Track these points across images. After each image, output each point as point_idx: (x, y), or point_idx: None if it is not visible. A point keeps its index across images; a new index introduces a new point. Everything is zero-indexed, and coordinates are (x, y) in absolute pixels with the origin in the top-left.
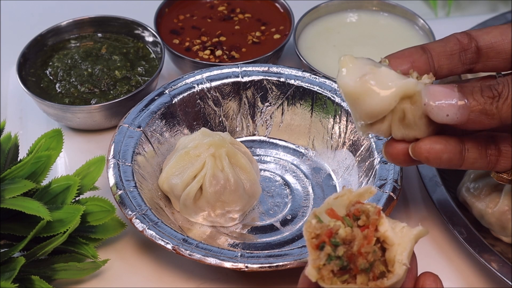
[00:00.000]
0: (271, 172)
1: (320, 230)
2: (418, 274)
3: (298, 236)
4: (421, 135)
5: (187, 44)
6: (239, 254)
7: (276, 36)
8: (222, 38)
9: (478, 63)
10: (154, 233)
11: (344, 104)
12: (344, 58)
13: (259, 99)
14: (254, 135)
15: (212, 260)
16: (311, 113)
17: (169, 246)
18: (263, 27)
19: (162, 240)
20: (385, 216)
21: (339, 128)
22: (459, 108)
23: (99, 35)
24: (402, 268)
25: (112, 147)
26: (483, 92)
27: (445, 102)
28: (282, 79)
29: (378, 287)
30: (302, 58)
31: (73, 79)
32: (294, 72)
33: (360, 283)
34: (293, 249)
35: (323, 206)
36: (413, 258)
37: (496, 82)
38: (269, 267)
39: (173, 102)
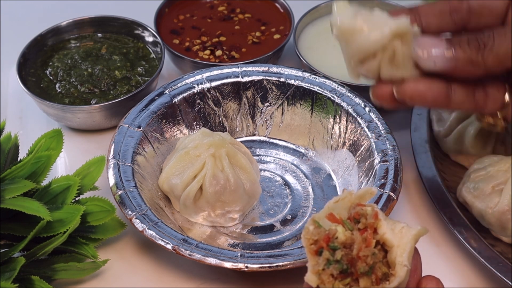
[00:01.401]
0: (271, 172)
1: (318, 235)
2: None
3: (298, 236)
4: (408, 76)
5: (187, 44)
6: (239, 254)
7: (276, 36)
8: (222, 38)
9: (471, 22)
10: (154, 233)
11: (344, 104)
12: (338, 2)
13: (259, 99)
14: (254, 135)
15: (212, 260)
16: (311, 113)
17: (169, 246)
18: (263, 27)
19: (162, 240)
20: (383, 217)
21: (339, 128)
22: (446, 57)
23: (99, 35)
24: (404, 269)
25: (112, 147)
26: (469, 43)
27: (433, 51)
28: (282, 79)
29: None
30: (302, 58)
31: (73, 79)
32: (294, 72)
33: (363, 286)
34: (293, 249)
35: (323, 211)
36: (417, 257)
37: (482, 34)
38: (269, 267)
39: (173, 102)
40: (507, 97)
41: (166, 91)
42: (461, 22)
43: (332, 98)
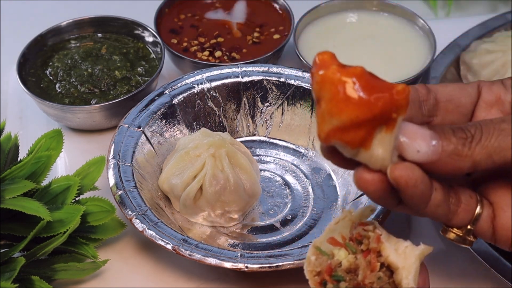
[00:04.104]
0: (271, 172)
1: (320, 266)
2: None
3: (298, 236)
4: (386, 165)
5: (184, 44)
6: (239, 254)
7: (276, 36)
8: (220, 39)
9: (436, 116)
10: (154, 233)
11: None
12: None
13: (259, 99)
14: (254, 135)
15: (212, 260)
16: (311, 113)
17: (169, 246)
18: (262, 28)
19: (162, 240)
20: (386, 238)
21: None
22: (430, 146)
23: (99, 35)
24: None
25: (112, 147)
26: (455, 133)
27: (417, 139)
28: (282, 79)
29: None
30: (302, 58)
31: (73, 79)
32: (294, 72)
33: None
34: (293, 249)
35: (324, 235)
36: (424, 274)
37: (468, 124)
38: (269, 267)
39: (173, 102)
40: (478, 208)
41: (166, 91)
42: (427, 115)
43: None
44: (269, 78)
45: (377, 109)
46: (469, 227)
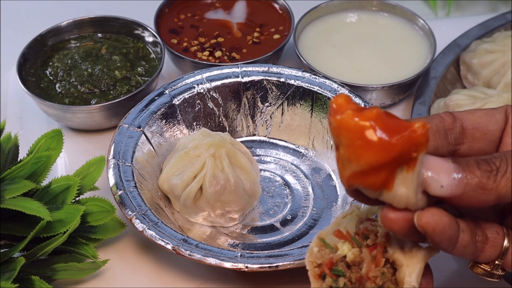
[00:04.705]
0: (271, 172)
1: (321, 259)
2: None
3: (298, 236)
4: (411, 202)
5: (184, 44)
6: (239, 254)
7: (276, 36)
8: (220, 39)
9: (463, 144)
10: (154, 233)
11: None
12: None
13: (259, 99)
14: (254, 135)
15: (212, 260)
16: (311, 113)
17: (169, 246)
18: (262, 28)
19: (162, 240)
20: (394, 235)
21: None
22: (454, 180)
23: (99, 35)
24: None
25: (112, 147)
26: (479, 165)
27: (441, 173)
28: (282, 79)
29: None
30: (302, 58)
31: (73, 79)
32: (294, 72)
33: None
34: (293, 249)
35: (330, 227)
36: (429, 276)
37: (493, 156)
38: (269, 267)
39: (173, 102)
40: (506, 242)
41: (166, 91)
42: (453, 143)
43: (332, 98)
44: (269, 78)
45: (395, 151)
46: (496, 262)
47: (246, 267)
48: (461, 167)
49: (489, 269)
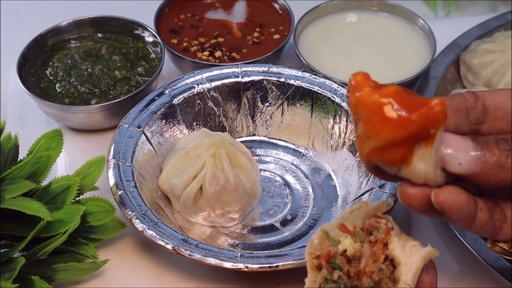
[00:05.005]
0: (271, 172)
1: (320, 251)
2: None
3: (298, 236)
4: (430, 178)
5: (185, 44)
6: (239, 254)
7: (276, 36)
8: (220, 39)
9: (485, 123)
10: (154, 233)
11: (344, 104)
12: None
13: (259, 99)
14: (254, 135)
15: (212, 260)
16: (311, 113)
17: (169, 246)
18: (262, 28)
19: (162, 240)
20: (397, 233)
21: (339, 128)
22: (473, 158)
23: (99, 35)
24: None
25: (112, 147)
26: (498, 144)
27: (459, 151)
28: (282, 79)
29: None
30: (302, 58)
31: (73, 79)
32: (294, 72)
33: None
34: (293, 249)
35: (336, 221)
36: (432, 273)
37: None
38: (269, 267)
39: (173, 102)
40: None
41: (166, 91)
42: (475, 123)
43: (332, 98)
44: (269, 78)
45: (413, 127)
46: None
47: (246, 267)
48: (479, 145)
49: (507, 248)
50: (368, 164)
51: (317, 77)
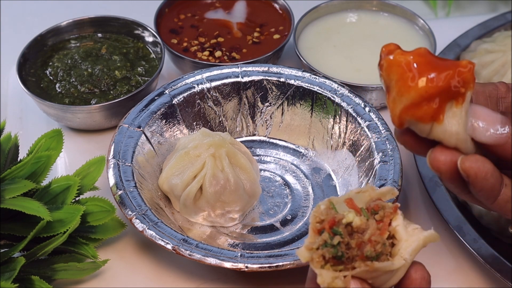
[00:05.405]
0: (271, 172)
1: (325, 216)
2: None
3: (298, 236)
4: (461, 140)
5: (185, 44)
6: (239, 254)
7: (276, 36)
8: (220, 39)
9: None
10: (154, 233)
11: (344, 104)
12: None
13: (259, 99)
14: (254, 135)
15: (212, 260)
16: (311, 113)
17: (169, 246)
18: (262, 28)
19: (162, 240)
20: (401, 214)
21: (339, 128)
22: (499, 129)
23: (99, 35)
24: (401, 261)
25: (112, 147)
26: None
27: (486, 121)
28: (282, 79)
29: (365, 266)
30: (302, 58)
31: (73, 79)
32: (294, 72)
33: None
34: (293, 249)
35: (343, 196)
36: (423, 272)
37: None
38: (269, 267)
39: (173, 102)
40: None
41: (166, 91)
42: (504, 112)
43: (332, 98)
44: (269, 78)
45: (444, 82)
46: None
47: (246, 267)
48: (507, 119)
49: None
50: (401, 127)
51: (317, 77)
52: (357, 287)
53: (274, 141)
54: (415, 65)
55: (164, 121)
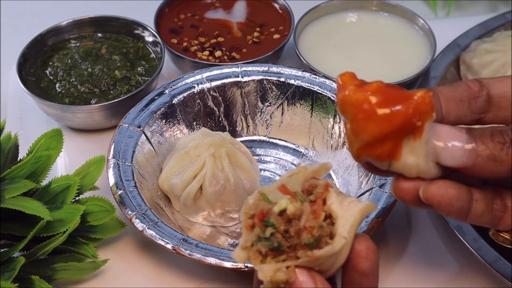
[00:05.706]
0: (271, 172)
1: (255, 210)
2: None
3: None
4: (422, 170)
5: (185, 44)
6: None
7: (276, 36)
8: (220, 39)
9: (488, 113)
10: (154, 233)
11: None
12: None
13: (259, 99)
14: (254, 135)
15: (212, 260)
16: (311, 113)
17: (169, 246)
18: (262, 27)
19: (162, 240)
20: (335, 191)
21: (339, 128)
22: (465, 151)
23: (99, 35)
24: (341, 241)
25: (112, 147)
26: (493, 137)
27: (451, 143)
28: (282, 79)
29: (306, 256)
30: (302, 58)
31: (73, 79)
32: (294, 72)
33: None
34: None
35: (275, 184)
36: (364, 239)
37: (508, 128)
38: None
39: (173, 102)
40: None
41: (166, 91)
42: (478, 112)
43: (332, 98)
44: (269, 78)
45: (397, 121)
46: None
47: (246, 266)
48: (473, 138)
49: (509, 238)
50: (361, 163)
51: (317, 77)
52: (306, 279)
53: (274, 141)
54: (365, 105)
55: (164, 121)
